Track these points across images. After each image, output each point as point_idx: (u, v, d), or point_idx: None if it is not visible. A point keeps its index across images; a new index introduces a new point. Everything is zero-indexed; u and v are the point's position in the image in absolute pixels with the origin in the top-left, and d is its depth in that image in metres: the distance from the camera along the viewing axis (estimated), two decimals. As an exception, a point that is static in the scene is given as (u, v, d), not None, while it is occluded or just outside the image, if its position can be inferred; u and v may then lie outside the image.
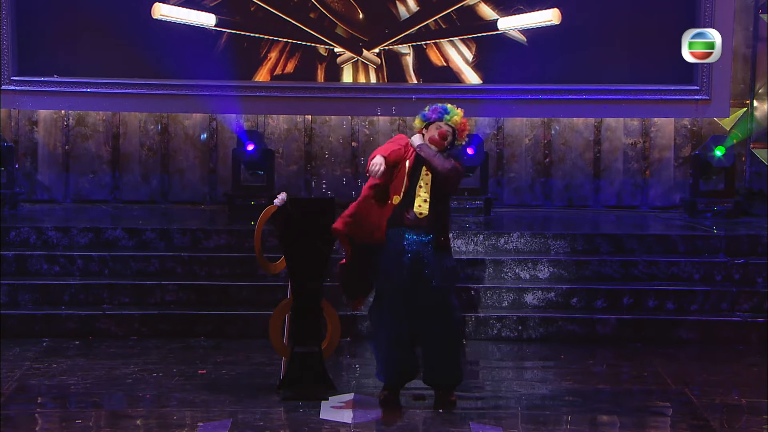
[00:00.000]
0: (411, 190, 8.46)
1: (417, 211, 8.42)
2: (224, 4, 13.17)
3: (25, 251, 11.23)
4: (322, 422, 8.27)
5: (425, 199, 8.43)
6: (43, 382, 9.20)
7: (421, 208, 8.43)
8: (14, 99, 13.12)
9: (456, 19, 13.23)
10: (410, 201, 8.44)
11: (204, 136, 13.45)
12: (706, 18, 13.02)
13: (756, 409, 8.82)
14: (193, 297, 10.89)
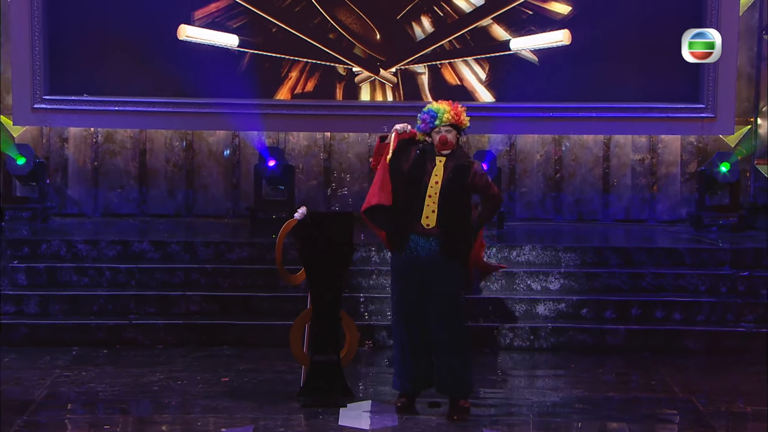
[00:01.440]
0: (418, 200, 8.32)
1: (424, 222, 8.31)
2: (246, 26, 13.20)
3: (55, 263, 11.26)
4: (340, 428, 8.27)
5: (433, 209, 8.31)
6: (73, 389, 9.22)
7: (429, 219, 8.30)
8: (46, 117, 13.16)
9: (470, 40, 13.24)
10: (418, 212, 8.33)
11: (227, 152, 13.47)
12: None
13: (760, 417, 8.79)
14: (217, 307, 10.91)
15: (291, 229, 8.76)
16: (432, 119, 8.33)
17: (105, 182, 13.43)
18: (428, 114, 8.36)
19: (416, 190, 8.32)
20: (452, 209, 8.30)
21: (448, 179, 8.30)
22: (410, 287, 8.44)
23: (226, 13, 13.22)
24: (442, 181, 8.31)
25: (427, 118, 8.35)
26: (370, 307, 10.81)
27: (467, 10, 13.20)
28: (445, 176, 8.32)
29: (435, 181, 8.32)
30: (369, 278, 11.11)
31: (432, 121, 8.33)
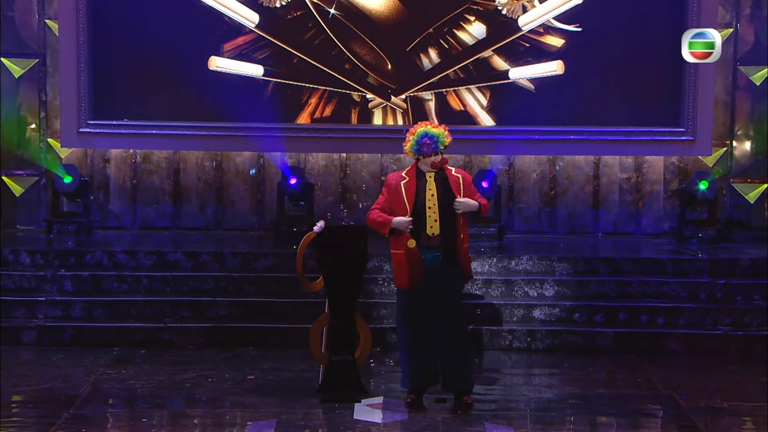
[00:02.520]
0: (420, 212, 8.37)
1: (429, 232, 8.36)
2: (271, 57, 13.21)
3: (98, 272, 11.28)
4: (355, 422, 8.28)
5: (435, 219, 8.37)
6: (114, 386, 9.25)
7: (433, 229, 8.36)
8: (90, 140, 13.17)
9: (472, 70, 13.24)
10: (421, 222, 8.37)
11: (253, 171, 13.48)
12: (691, 71, 12.97)
13: (737, 412, 8.79)
14: (243, 312, 10.90)
15: (311, 241, 8.79)
16: (435, 143, 8.37)
17: (142, 198, 13.44)
18: (429, 138, 8.38)
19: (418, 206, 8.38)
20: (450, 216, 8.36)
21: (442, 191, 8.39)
22: (416, 294, 8.46)
23: (252, 45, 13.22)
24: (437, 194, 8.38)
25: (429, 142, 8.37)
26: (381, 311, 10.82)
27: (470, 42, 13.20)
28: (438, 188, 8.39)
29: (431, 194, 8.38)
30: (381, 285, 11.11)
31: (435, 146, 8.38)
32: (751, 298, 11.08)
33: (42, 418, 8.36)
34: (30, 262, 11.37)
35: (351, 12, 13.12)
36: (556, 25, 13.11)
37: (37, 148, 13.26)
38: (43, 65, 13.22)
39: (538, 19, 13.11)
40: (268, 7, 13.12)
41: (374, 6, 13.15)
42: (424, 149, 8.38)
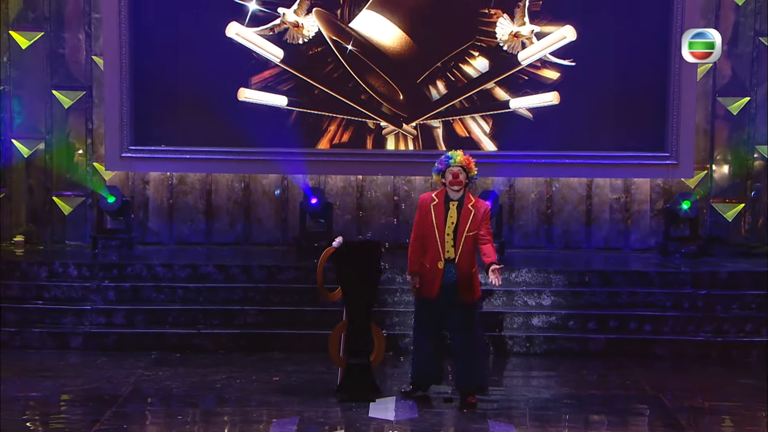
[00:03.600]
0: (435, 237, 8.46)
1: (445, 256, 8.46)
2: (294, 89, 13.23)
3: (138, 283, 11.29)
4: (370, 419, 8.29)
5: (452, 245, 8.46)
6: (152, 386, 9.27)
7: (449, 253, 8.46)
8: (131, 164, 13.20)
9: (476, 100, 13.26)
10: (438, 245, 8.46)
11: (278, 192, 13.48)
12: (675, 100, 12.96)
13: (717, 411, 8.79)
14: (269, 319, 10.90)
15: (330, 256, 8.80)
16: (447, 159, 8.49)
17: (178, 216, 13.44)
18: (445, 156, 8.53)
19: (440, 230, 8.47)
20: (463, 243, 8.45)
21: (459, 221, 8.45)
22: (431, 305, 8.51)
23: (277, 78, 13.25)
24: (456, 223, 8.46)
25: (443, 159, 8.52)
26: (394, 319, 10.82)
27: (474, 75, 13.22)
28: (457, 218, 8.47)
29: (451, 222, 8.45)
30: (393, 296, 11.11)
31: (447, 161, 8.47)
32: (729, 307, 11.06)
33: (87, 415, 8.38)
34: (77, 274, 11.39)
35: (366, 48, 13.15)
36: (552, 60, 13.12)
37: (84, 171, 13.30)
38: (90, 97, 13.26)
39: (536, 54, 13.12)
40: (292, 43, 13.16)
41: (387, 42, 13.19)
42: (438, 165, 8.52)
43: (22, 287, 11.16)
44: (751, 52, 13.18)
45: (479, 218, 8.47)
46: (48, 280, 11.29)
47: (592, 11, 13.01)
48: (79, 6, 13.13)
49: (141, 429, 8.23)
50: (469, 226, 8.46)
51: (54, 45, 13.17)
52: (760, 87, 13.22)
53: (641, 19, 13.03)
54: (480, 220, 8.48)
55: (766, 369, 10.09)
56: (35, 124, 13.27)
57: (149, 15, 13.07)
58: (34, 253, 12.42)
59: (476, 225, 8.46)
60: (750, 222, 13.39)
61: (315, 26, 13.12)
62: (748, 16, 13.10)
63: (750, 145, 13.30)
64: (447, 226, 8.47)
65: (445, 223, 8.49)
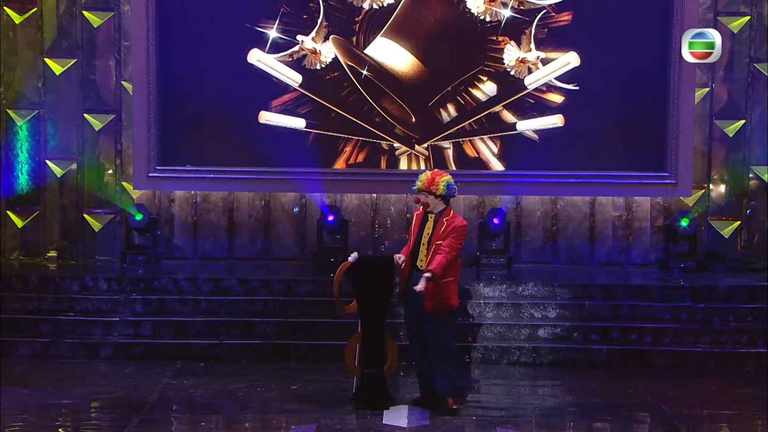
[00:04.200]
0: (417, 247, 8.51)
1: (419, 265, 8.47)
2: (311, 112, 13.26)
3: (164, 296, 11.31)
4: (384, 426, 8.30)
5: (425, 254, 8.46)
6: (177, 394, 9.30)
7: (422, 263, 8.47)
8: (158, 183, 13.23)
9: (485, 122, 13.26)
10: (416, 255, 8.51)
11: (296, 209, 13.50)
12: (673, 124, 12.95)
13: (715, 418, 8.77)
14: (288, 331, 10.90)
15: (345, 270, 8.82)
16: (414, 185, 8.56)
17: (202, 233, 13.47)
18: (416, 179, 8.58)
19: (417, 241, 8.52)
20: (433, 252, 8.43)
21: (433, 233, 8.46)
22: (408, 312, 8.61)
23: (295, 102, 13.28)
24: (430, 234, 8.46)
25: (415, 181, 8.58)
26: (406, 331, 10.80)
27: (483, 99, 13.23)
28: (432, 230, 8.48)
29: (427, 233, 8.48)
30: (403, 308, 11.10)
31: (414, 186, 8.56)
32: (726, 320, 11.03)
33: (116, 421, 8.42)
34: (107, 288, 11.43)
35: (381, 73, 13.20)
36: (557, 84, 13.14)
37: (113, 190, 13.35)
38: (119, 120, 13.32)
39: (542, 79, 13.15)
40: (310, 69, 13.21)
41: (401, 68, 13.23)
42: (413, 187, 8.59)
43: (55, 300, 11.22)
44: (746, 77, 13.18)
45: (448, 230, 8.45)
46: (79, 294, 11.33)
47: (595, 39, 13.01)
48: (109, 35, 13.22)
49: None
50: (440, 237, 8.45)
51: (86, 71, 13.25)
52: (755, 111, 13.21)
53: (641, 47, 13.02)
54: (448, 231, 8.45)
55: (762, 379, 10.07)
56: (68, 145, 13.34)
57: (175, 43, 13.13)
58: (66, 268, 12.47)
59: (444, 236, 8.44)
60: (746, 239, 13.36)
61: (332, 53, 13.17)
62: (743, 44, 13.10)
63: (745, 165, 13.29)
64: (423, 236, 8.49)
65: (421, 233, 8.52)
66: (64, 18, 13.22)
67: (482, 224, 12.90)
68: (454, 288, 8.57)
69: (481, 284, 11.45)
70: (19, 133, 13.26)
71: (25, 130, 13.26)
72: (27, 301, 11.22)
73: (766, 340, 10.76)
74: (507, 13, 13.04)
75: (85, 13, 13.19)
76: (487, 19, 13.11)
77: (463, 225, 8.54)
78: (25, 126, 13.25)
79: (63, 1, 13.19)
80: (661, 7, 12.95)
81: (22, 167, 13.28)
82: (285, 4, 13.09)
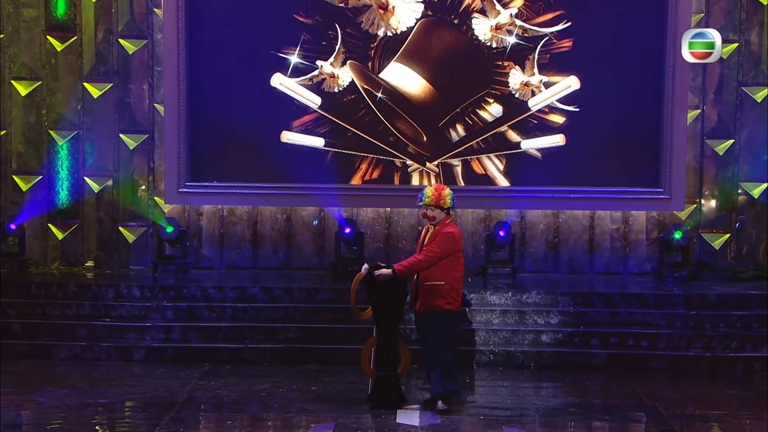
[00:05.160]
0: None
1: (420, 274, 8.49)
2: (330, 131, 13.29)
3: (193, 303, 11.34)
4: (397, 425, 8.29)
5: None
6: (205, 394, 9.31)
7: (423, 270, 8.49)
8: (187, 198, 13.28)
9: (492, 141, 13.28)
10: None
11: (315, 222, 13.52)
12: (667, 143, 12.94)
13: (706, 418, 8.74)
14: (308, 335, 10.93)
15: (361, 279, 8.83)
16: (419, 199, 8.53)
17: (228, 244, 13.49)
18: (420, 195, 8.56)
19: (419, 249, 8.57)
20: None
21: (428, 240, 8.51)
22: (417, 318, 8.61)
23: (315, 122, 13.32)
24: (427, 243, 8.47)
25: (419, 195, 8.56)
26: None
27: (490, 120, 13.25)
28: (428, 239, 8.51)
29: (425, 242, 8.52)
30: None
31: (421, 200, 8.53)
32: (717, 326, 11.00)
33: (148, 419, 8.43)
34: (140, 295, 11.47)
35: (394, 96, 13.23)
36: (558, 106, 13.15)
37: (146, 204, 13.40)
38: (152, 139, 13.39)
39: (544, 101, 13.16)
40: (329, 92, 13.26)
41: (413, 91, 13.26)
42: (417, 201, 8.58)
43: (92, 306, 11.27)
44: (734, 100, 13.16)
45: (436, 237, 8.42)
46: (114, 301, 11.38)
47: (594, 64, 13.02)
48: (143, 61, 13.30)
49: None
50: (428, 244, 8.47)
51: (121, 94, 13.33)
52: (743, 131, 13.19)
53: (637, 72, 13.04)
54: (434, 237, 8.43)
55: (750, 381, 10.05)
56: (104, 163, 13.41)
57: (204, 68, 13.21)
58: (102, 277, 12.51)
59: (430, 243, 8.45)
60: (735, 250, 13.32)
61: (349, 77, 13.22)
62: (732, 69, 13.09)
63: (734, 182, 13.26)
64: (423, 245, 8.53)
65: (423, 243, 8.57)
66: (102, 46, 13.31)
67: (489, 236, 12.91)
68: (445, 290, 8.44)
69: (488, 292, 11.45)
70: (60, 152, 13.35)
71: (65, 149, 13.35)
72: (66, 308, 11.28)
73: (753, 345, 10.72)
74: (512, 40, 13.07)
75: (121, 41, 13.28)
76: (494, 46, 13.14)
77: (448, 233, 8.44)
78: (65, 145, 13.33)
79: (101, 30, 13.29)
80: (655, 36, 12.94)
81: (62, 183, 13.36)
82: (305, 32, 13.15)
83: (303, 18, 13.15)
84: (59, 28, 13.25)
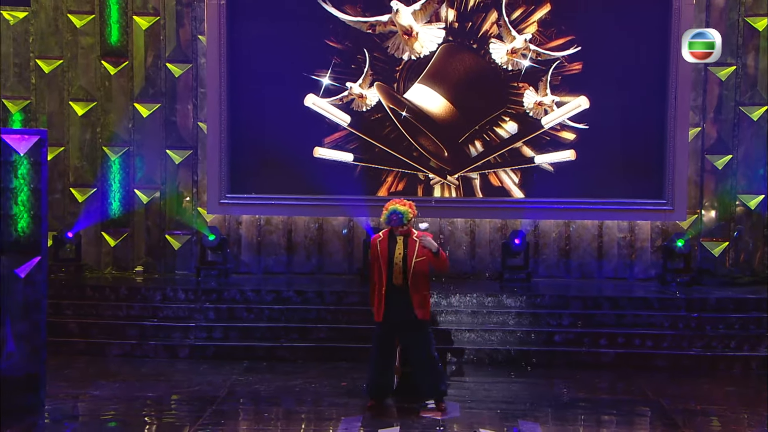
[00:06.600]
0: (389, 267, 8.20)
1: (395, 281, 8.20)
2: (358, 147, 13.30)
3: (233, 305, 11.38)
4: (421, 417, 8.31)
5: (400, 271, 8.21)
6: (244, 389, 9.36)
7: (398, 279, 8.20)
8: (228, 208, 13.32)
9: (508, 156, 13.25)
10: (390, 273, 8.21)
11: (345, 231, 13.53)
12: (670, 158, 12.89)
13: (707, 413, 8.70)
14: (338, 335, 10.94)
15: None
16: (400, 220, 8.19)
17: (265, 251, 13.50)
18: (396, 215, 8.21)
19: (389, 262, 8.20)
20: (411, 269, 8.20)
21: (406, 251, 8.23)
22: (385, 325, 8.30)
23: (345, 138, 13.33)
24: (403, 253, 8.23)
25: (395, 218, 8.21)
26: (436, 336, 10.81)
27: (506, 136, 13.22)
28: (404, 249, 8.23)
29: (398, 253, 8.24)
30: (438, 317, 11.12)
31: (400, 221, 8.20)
32: (716, 328, 10.94)
33: (192, 412, 8.50)
34: (184, 298, 11.53)
35: (418, 114, 13.25)
36: (569, 124, 13.12)
37: (190, 214, 13.46)
38: (195, 155, 13.45)
39: (556, 119, 13.14)
40: (357, 111, 13.30)
41: (435, 110, 13.28)
42: (392, 222, 8.24)
43: (141, 308, 11.35)
44: (732, 118, 13.10)
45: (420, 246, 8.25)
46: (161, 303, 11.45)
47: (602, 85, 12.99)
48: (188, 83, 13.40)
49: (235, 424, 8.33)
50: (417, 253, 8.26)
51: (168, 114, 13.42)
52: (741, 147, 13.11)
53: (642, 92, 12.99)
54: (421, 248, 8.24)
55: (747, 379, 9.99)
56: (152, 176, 13.49)
57: (243, 89, 13.26)
58: (150, 281, 12.58)
59: (422, 252, 8.25)
60: (733, 257, 13.23)
61: (376, 97, 13.25)
62: (730, 89, 13.03)
63: (732, 194, 13.18)
64: (395, 256, 8.21)
65: (392, 254, 8.21)
66: (151, 69, 13.42)
67: (505, 244, 12.90)
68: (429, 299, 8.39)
69: (504, 296, 11.45)
70: (113, 166, 13.46)
71: (117, 164, 13.46)
72: (118, 309, 11.37)
73: (750, 345, 10.66)
74: (526, 63, 13.07)
75: (168, 65, 13.40)
76: (509, 69, 13.15)
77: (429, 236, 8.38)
78: (117, 161, 13.44)
79: (150, 56, 13.40)
80: (659, 58, 12.89)
81: (114, 195, 13.46)
82: (336, 56, 13.21)
83: (334, 43, 13.22)
84: (113, 53, 13.39)
